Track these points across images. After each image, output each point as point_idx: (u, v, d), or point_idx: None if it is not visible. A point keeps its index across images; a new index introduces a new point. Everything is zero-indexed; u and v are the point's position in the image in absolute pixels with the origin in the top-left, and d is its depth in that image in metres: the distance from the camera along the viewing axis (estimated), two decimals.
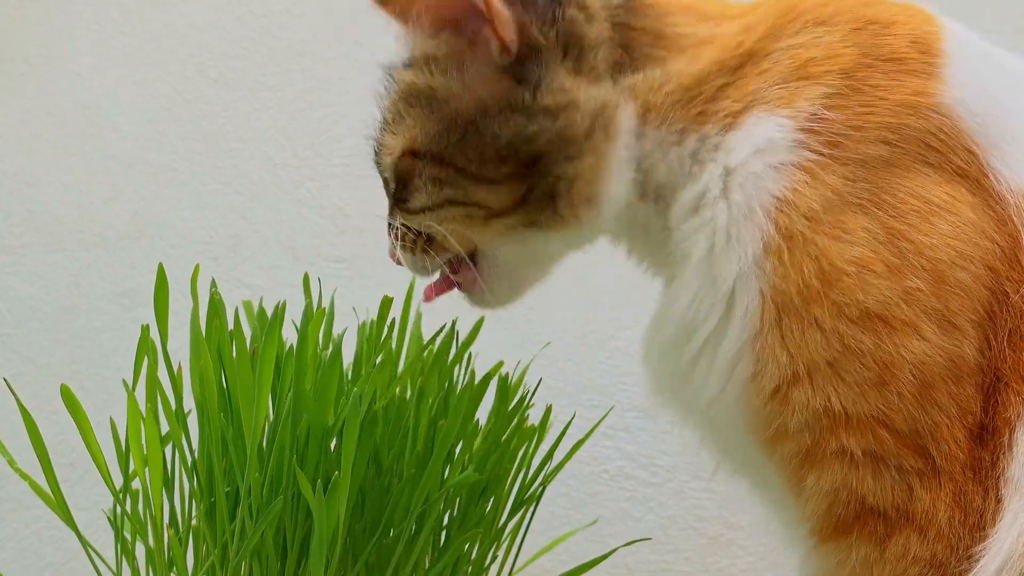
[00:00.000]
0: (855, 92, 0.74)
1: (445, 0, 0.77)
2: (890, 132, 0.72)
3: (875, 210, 0.71)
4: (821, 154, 0.72)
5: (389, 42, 1.45)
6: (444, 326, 0.93)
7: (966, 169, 0.72)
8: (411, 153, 0.80)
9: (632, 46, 0.78)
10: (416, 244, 0.82)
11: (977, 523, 0.69)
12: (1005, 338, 0.70)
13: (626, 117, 0.76)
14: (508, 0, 0.76)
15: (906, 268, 0.70)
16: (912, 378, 0.70)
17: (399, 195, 0.82)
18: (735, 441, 0.78)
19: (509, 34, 0.76)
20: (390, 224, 0.84)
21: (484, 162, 0.77)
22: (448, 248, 0.81)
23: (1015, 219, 0.71)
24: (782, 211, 0.71)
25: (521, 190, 0.78)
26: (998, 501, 0.68)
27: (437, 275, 0.85)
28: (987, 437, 0.70)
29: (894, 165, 0.72)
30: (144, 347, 0.88)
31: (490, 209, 0.79)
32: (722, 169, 0.75)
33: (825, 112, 0.73)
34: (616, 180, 0.77)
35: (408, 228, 0.81)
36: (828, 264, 0.70)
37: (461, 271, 0.83)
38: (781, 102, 0.74)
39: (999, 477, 0.68)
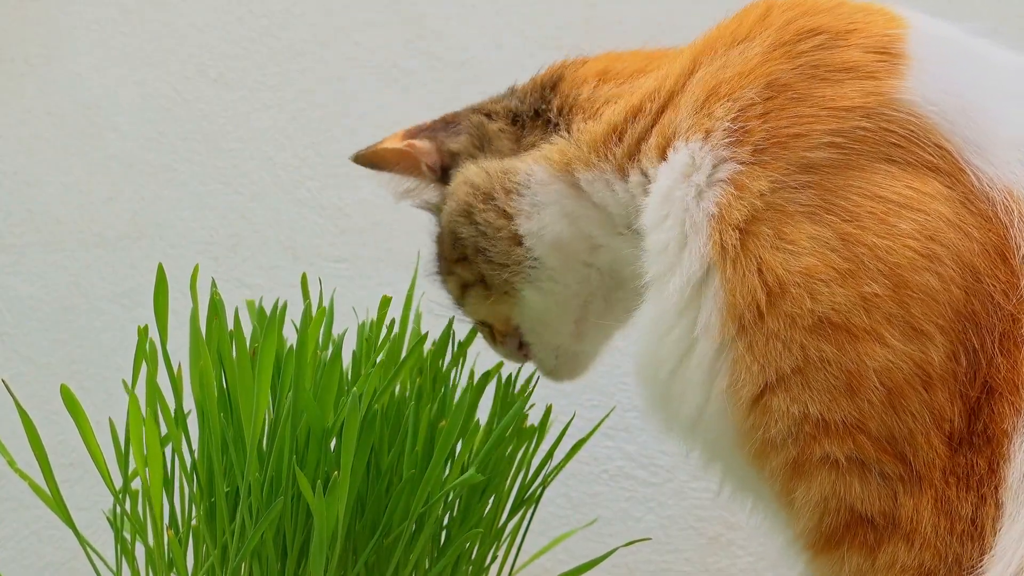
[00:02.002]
0: (792, 102, 0.73)
1: (401, 163, 0.98)
2: (839, 136, 0.71)
3: (826, 215, 0.70)
4: (746, 163, 0.72)
5: (388, 43, 1.45)
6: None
7: (939, 164, 0.70)
8: (436, 259, 0.99)
9: (551, 123, 0.90)
10: (492, 336, 0.99)
11: (968, 531, 0.68)
12: (995, 344, 0.68)
13: (533, 174, 0.87)
14: (429, 135, 0.97)
15: (862, 273, 0.68)
16: (880, 385, 0.68)
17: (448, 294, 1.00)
18: (728, 458, 0.78)
19: (430, 158, 0.96)
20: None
21: (452, 248, 0.94)
22: (503, 331, 0.97)
23: (1002, 217, 0.69)
24: (715, 228, 0.72)
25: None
26: (998, 508, 0.67)
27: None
28: (982, 444, 0.68)
29: (848, 167, 0.71)
30: (143, 347, 0.88)
31: (477, 283, 0.93)
32: (659, 197, 0.77)
33: (744, 123, 0.73)
34: (538, 220, 0.87)
35: (479, 323, 0.98)
36: (772, 276, 0.70)
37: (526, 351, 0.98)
38: (695, 128, 0.75)
39: (998, 485, 0.67)
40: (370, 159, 0.99)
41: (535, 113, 0.92)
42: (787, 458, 0.72)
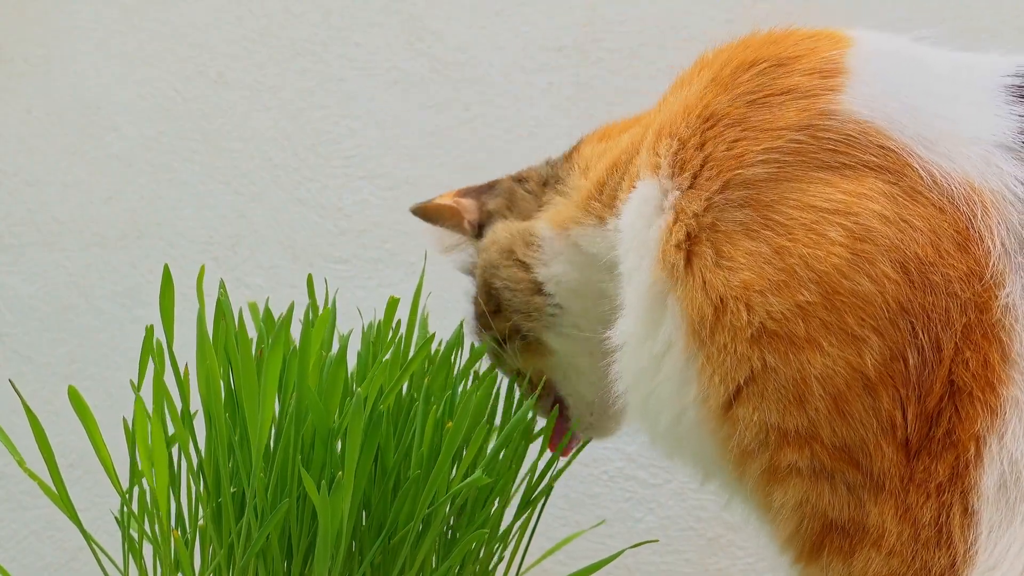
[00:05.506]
0: (728, 128, 0.75)
1: (450, 219, 1.06)
2: (774, 152, 0.73)
3: (762, 230, 0.72)
4: (684, 189, 0.75)
5: (388, 44, 1.45)
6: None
7: (880, 163, 0.71)
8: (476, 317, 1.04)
9: (565, 184, 0.96)
10: (533, 388, 0.99)
11: (934, 539, 0.68)
12: (957, 337, 0.68)
13: (542, 230, 0.94)
14: (474, 195, 1.05)
15: (795, 283, 0.70)
16: (823, 391, 0.70)
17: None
18: (715, 467, 0.79)
19: (471, 215, 1.04)
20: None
21: (487, 301, 0.98)
22: (541, 385, 0.99)
23: (963, 208, 0.69)
24: (660, 250, 0.75)
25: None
26: (967, 515, 0.67)
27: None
28: (942, 450, 0.68)
29: (783, 179, 0.72)
30: (149, 347, 0.88)
31: (513, 335, 0.97)
32: (622, 233, 0.81)
33: (684, 155, 0.76)
34: (554, 267, 0.93)
35: (518, 373, 1.01)
36: (715, 293, 0.72)
37: (562, 411, 1.00)
38: (646, 166, 0.79)
39: (965, 491, 0.67)
40: (425, 211, 1.07)
41: (557, 177, 0.98)
42: (762, 465, 0.73)
